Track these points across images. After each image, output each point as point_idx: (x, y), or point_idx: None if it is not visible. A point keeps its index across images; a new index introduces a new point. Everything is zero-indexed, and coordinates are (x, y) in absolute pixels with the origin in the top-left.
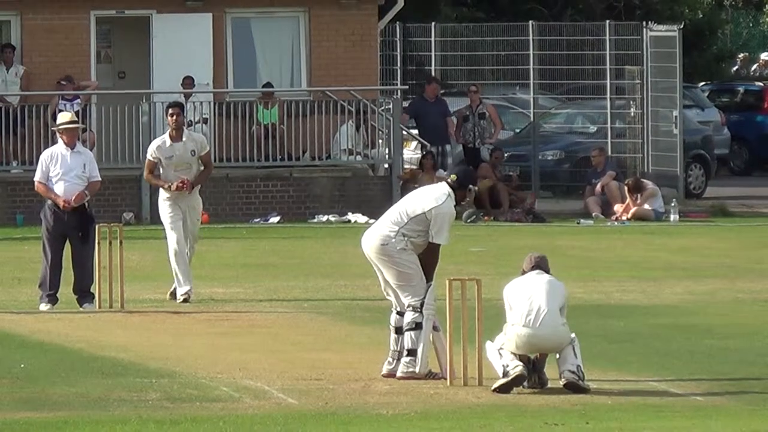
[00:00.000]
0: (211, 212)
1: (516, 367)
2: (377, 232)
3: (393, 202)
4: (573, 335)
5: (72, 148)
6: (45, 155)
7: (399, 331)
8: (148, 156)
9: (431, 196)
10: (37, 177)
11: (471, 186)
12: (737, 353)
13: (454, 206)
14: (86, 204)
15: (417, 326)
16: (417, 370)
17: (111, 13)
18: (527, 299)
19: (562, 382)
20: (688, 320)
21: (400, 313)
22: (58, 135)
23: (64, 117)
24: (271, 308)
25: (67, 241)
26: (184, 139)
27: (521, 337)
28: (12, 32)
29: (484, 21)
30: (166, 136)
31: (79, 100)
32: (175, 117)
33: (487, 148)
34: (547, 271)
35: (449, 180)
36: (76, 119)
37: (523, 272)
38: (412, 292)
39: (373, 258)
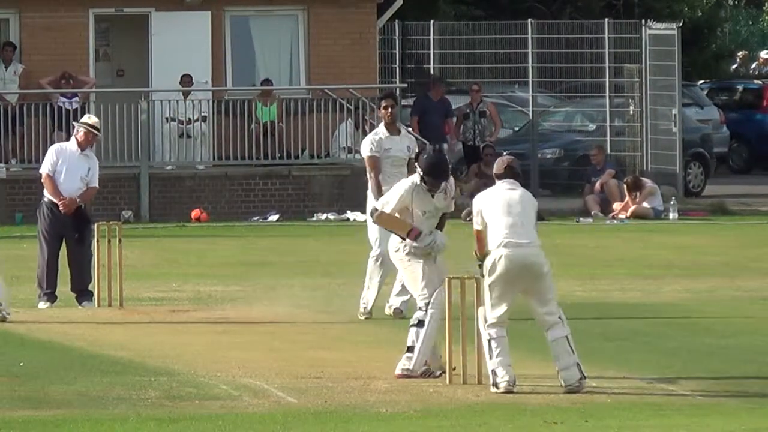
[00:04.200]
0: (210, 210)
1: (504, 378)
2: (391, 240)
3: None
4: (567, 329)
5: (82, 150)
6: (55, 148)
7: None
8: (367, 153)
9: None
10: (45, 169)
11: (443, 180)
12: (736, 351)
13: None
14: (83, 205)
15: (419, 323)
16: (411, 366)
17: (110, 11)
18: (503, 216)
19: (563, 390)
20: (687, 318)
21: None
22: (75, 131)
23: (90, 118)
24: (270, 307)
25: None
26: (402, 133)
27: (501, 262)
28: (11, 30)
29: (483, 19)
30: (381, 129)
31: (77, 98)
32: (390, 110)
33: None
34: (519, 175)
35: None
36: (98, 126)
37: (496, 176)
38: (421, 291)
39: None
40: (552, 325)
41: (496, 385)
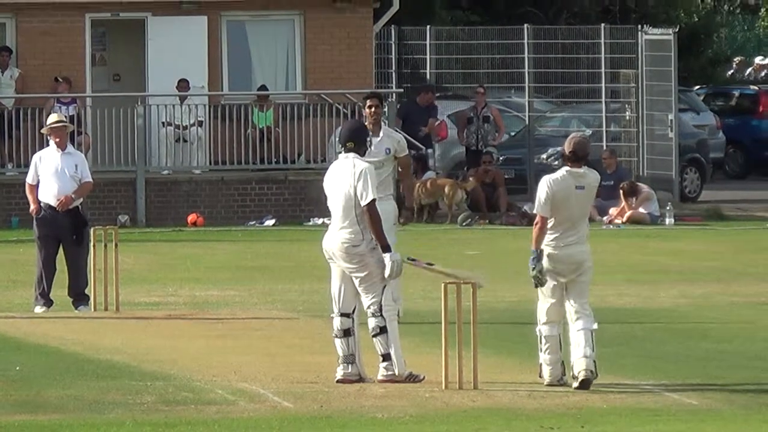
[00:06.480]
0: (207, 215)
1: (547, 375)
2: (339, 236)
3: None
4: (595, 325)
5: (62, 149)
6: (35, 157)
7: (347, 333)
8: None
9: (348, 173)
10: (27, 178)
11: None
12: (732, 357)
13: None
14: (80, 206)
15: (382, 330)
16: (396, 372)
17: (106, 15)
18: (562, 215)
19: (578, 376)
20: (683, 324)
21: (345, 315)
22: (48, 137)
23: (52, 118)
24: (266, 311)
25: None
26: (381, 135)
27: (547, 257)
28: (7, 35)
29: (479, 24)
30: None
31: (75, 104)
32: (373, 109)
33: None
34: (584, 158)
35: (348, 145)
36: (64, 120)
37: (563, 157)
38: (373, 291)
39: (343, 263)
40: (583, 316)
41: (542, 376)
